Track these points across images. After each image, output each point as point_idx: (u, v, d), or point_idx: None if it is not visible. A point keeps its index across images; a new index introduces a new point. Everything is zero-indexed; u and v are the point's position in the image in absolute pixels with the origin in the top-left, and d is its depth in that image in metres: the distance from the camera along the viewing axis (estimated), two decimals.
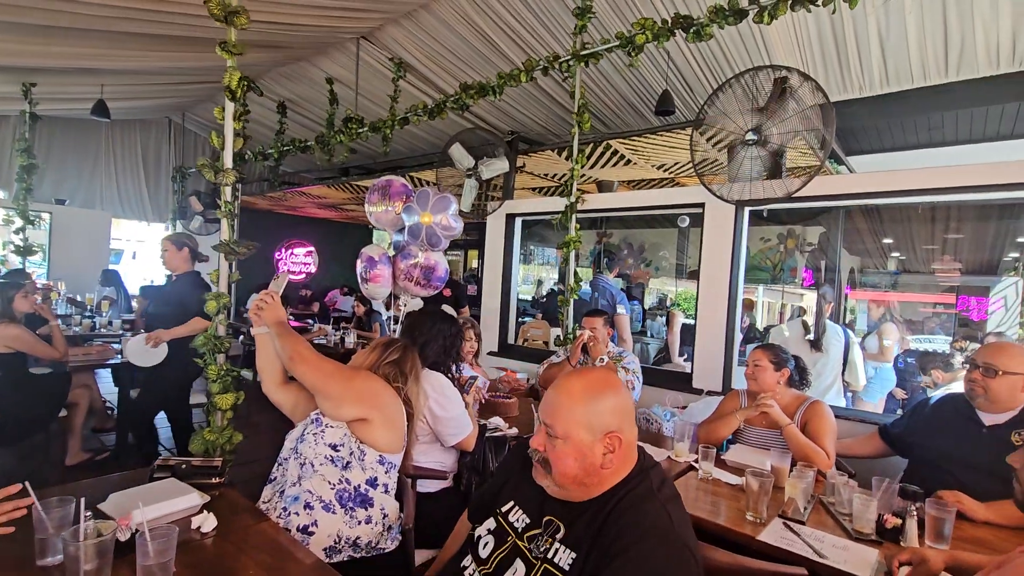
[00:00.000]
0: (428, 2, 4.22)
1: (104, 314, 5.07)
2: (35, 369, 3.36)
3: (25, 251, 5.30)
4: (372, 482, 1.53)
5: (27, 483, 1.16)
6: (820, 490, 1.85)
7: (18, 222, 5.35)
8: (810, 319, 3.93)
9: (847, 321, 8.18)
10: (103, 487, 1.46)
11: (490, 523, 1.16)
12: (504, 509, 1.16)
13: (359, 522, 1.49)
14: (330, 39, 5.00)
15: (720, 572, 1.29)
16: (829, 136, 2.58)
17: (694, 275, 3.29)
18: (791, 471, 1.81)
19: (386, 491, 1.57)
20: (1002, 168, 2.44)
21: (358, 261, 3.14)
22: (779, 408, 2.15)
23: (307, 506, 1.45)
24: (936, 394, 2.21)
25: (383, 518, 1.54)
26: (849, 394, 3.86)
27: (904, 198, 2.76)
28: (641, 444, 1.13)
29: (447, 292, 4.06)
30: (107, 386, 4.92)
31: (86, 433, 3.55)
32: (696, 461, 2.06)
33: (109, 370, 4.73)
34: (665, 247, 8.45)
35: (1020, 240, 7.00)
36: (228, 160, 2.00)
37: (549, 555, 1.01)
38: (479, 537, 1.15)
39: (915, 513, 1.52)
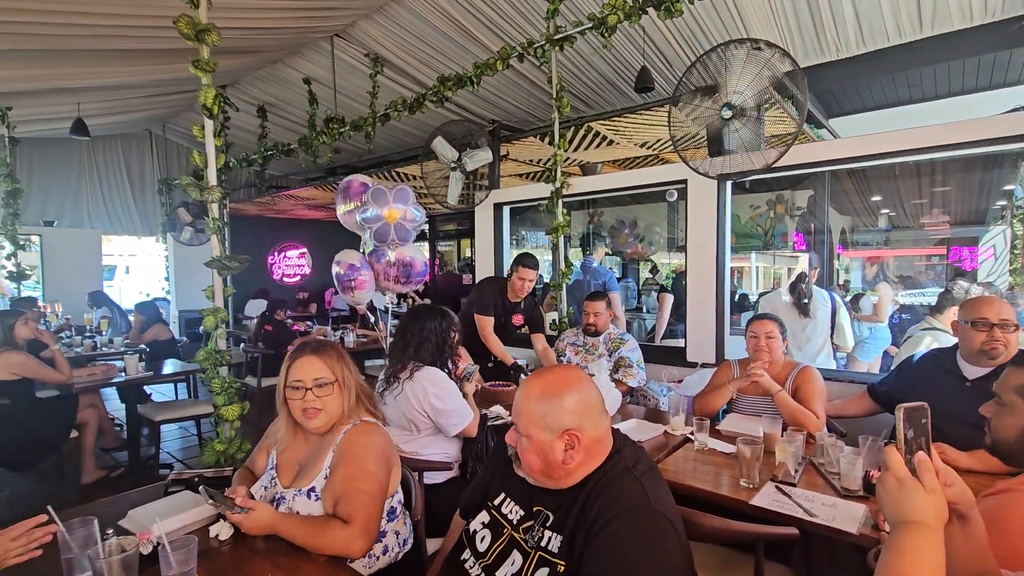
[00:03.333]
0: None
1: (104, 334, 5.10)
2: (41, 393, 3.40)
3: (19, 276, 5.32)
4: (387, 514, 1.51)
5: (50, 508, 1.21)
6: (811, 452, 1.92)
7: (8, 247, 5.36)
8: (803, 284, 3.98)
9: (842, 281, 8.27)
10: (122, 504, 1.52)
11: (483, 516, 1.21)
12: (496, 502, 1.20)
13: (376, 557, 1.49)
14: (303, 39, 4.96)
15: (713, 537, 1.36)
16: (803, 102, 2.61)
17: (684, 249, 3.34)
18: (782, 436, 1.88)
19: (394, 514, 1.56)
20: (980, 124, 2.47)
21: (335, 268, 3.13)
22: (769, 376, 2.21)
23: None
24: (920, 351, 2.27)
25: (396, 537, 1.56)
26: (842, 356, 3.93)
27: (885, 160, 2.79)
28: (619, 426, 1.18)
29: (518, 319, 3.44)
30: (113, 403, 4.99)
31: (98, 452, 3.61)
32: (692, 433, 2.12)
33: (114, 388, 4.80)
34: (656, 222, 8.48)
35: (1006, 188, 7.04)
36: (212, 177, 2.02)
37: (542, 543, 1.06)
38: (475, 531, 1.20)
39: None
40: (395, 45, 4.84)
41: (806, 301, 3.62)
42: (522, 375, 3.09)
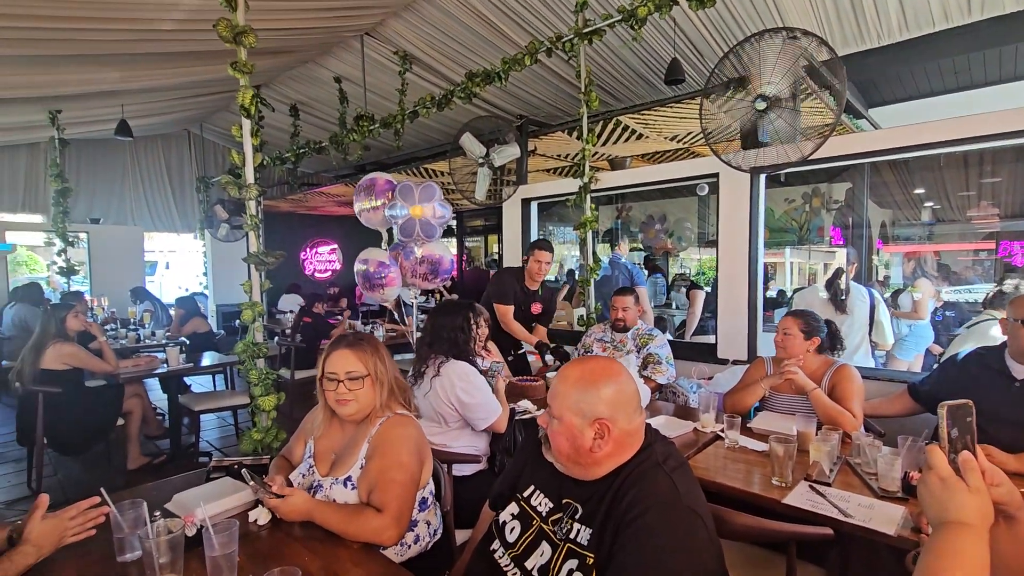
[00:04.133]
0: None
1: (146, 326, 5.32)
2: (90, 382, 3.57)
3: (68, 271, 5.57)
4: (419, 505, 1.55)
5: (103, 491, 1.28)
6: (847, 451, 1.88)
7: (59, 244, 5.62)
8: (840, 279, 3.87)
9: (882, 277, 7.99)
10: (166, 489, 1.59)
11: (513, 508, 1.23)
12: (526, 494, 1.22)
13: (408, 546, 1.52)
14: (334, 38, 5.05)
15: (744, 535, 1.34)
16: (841, 91, 2.53)
17: (715, 243, 3.28)
18: (817, 435, 1.84)
19: (426, 504, 1.59)
20: None
21: (362, 265, 3.15)
22: (804, 374, 2.16)
23: None
24: (964, 349, 2.19)
25: (427, 526, 1.60)
26: (880, 354, 3.80)
27: (930, 151, 2.68)
28: (648, 422, 1.18)
29: (537, 308, 3.50)
30: (155, 394, 5.21)
31: (141, 439, 3.77)
32: (722, 431, 2.09)
33: (157, 379, 5.01)
34: (686, 217, 8.34)
35: None
36: (250, 175, 2.09)
37: (571, 535, 1.07)
38: (504, 522, 1.22)
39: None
40: (423, 42, 4.88)
41: (843, 298, 3.52)
42: (547, 353, 3.09)
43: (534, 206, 4.34)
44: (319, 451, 1.58)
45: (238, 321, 7.18)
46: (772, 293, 7.82)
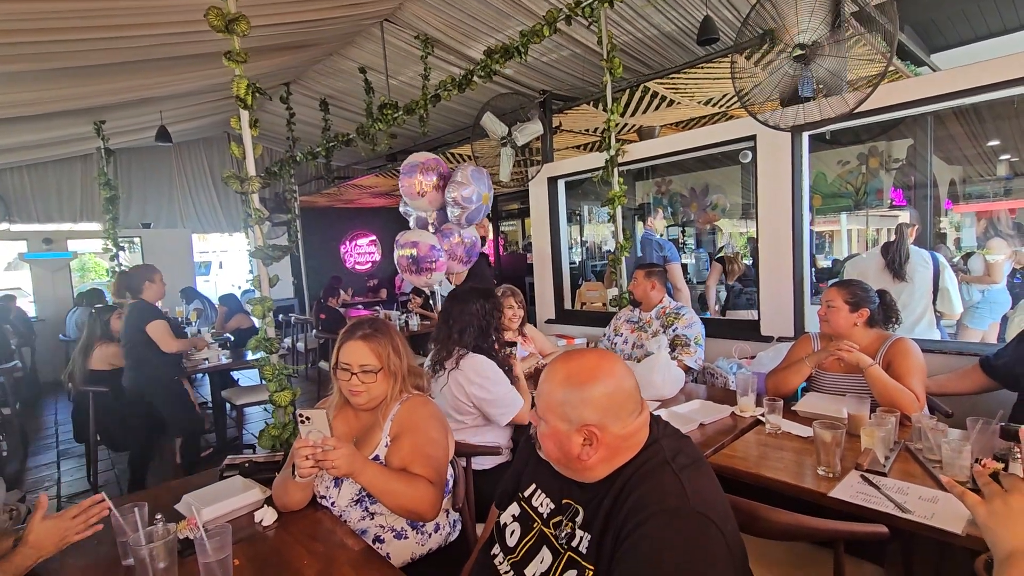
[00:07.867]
0: None
1: (194, 324, 5.53)
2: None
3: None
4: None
5: (104, 495, 1.27)
6: (906, 436, 1.67)
7: (111, 249, 5.90)
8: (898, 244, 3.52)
9: (953, 240, 7.35)
10: (182, 488, 1.59)
11: (514, 509, 1.12)
12: (527, 493, 1.11)
13: (429, 535, 1.48)
14: (355, 28, 5.00)
15: (781, 534, 1.20)
16: (893, 33, 2.24)
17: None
18: (870, 418, 1.65)
19: (447, 490, 1.54)
20: None
21: (411, 250, 3.02)
22: (858, 350, 1.94)
23: (377, 539, 1.41)
24: None
25: (447, 516, 1.55)
26: (948, 324, 3.45)
27: (1002, 91, 2.33)
28: (656, 414, 1.04)
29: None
30: (206, 388, 5.42)
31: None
32: (763, 415, 1.92)
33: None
34: (730, 187, 7.93)
35: None
36: (251, 167, 2.06)
37: (572, 542, 0.96)
38: (505, 524, 1.12)
39: (1021, 456, 1.32)
40: (443, 23, 4.76)
41: (902, 264, 3.18)
42: None
43: (561, 184, 4.17)
44: (336, 434, 1.54)
45: (282, 316, 7.34)
46: (827, 263, 7.35)
